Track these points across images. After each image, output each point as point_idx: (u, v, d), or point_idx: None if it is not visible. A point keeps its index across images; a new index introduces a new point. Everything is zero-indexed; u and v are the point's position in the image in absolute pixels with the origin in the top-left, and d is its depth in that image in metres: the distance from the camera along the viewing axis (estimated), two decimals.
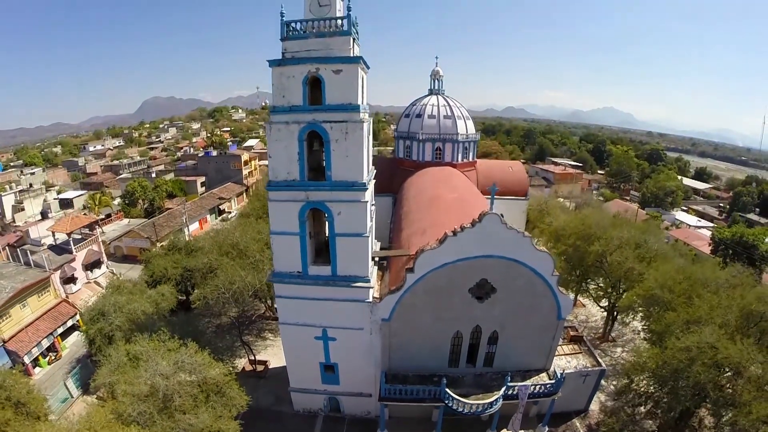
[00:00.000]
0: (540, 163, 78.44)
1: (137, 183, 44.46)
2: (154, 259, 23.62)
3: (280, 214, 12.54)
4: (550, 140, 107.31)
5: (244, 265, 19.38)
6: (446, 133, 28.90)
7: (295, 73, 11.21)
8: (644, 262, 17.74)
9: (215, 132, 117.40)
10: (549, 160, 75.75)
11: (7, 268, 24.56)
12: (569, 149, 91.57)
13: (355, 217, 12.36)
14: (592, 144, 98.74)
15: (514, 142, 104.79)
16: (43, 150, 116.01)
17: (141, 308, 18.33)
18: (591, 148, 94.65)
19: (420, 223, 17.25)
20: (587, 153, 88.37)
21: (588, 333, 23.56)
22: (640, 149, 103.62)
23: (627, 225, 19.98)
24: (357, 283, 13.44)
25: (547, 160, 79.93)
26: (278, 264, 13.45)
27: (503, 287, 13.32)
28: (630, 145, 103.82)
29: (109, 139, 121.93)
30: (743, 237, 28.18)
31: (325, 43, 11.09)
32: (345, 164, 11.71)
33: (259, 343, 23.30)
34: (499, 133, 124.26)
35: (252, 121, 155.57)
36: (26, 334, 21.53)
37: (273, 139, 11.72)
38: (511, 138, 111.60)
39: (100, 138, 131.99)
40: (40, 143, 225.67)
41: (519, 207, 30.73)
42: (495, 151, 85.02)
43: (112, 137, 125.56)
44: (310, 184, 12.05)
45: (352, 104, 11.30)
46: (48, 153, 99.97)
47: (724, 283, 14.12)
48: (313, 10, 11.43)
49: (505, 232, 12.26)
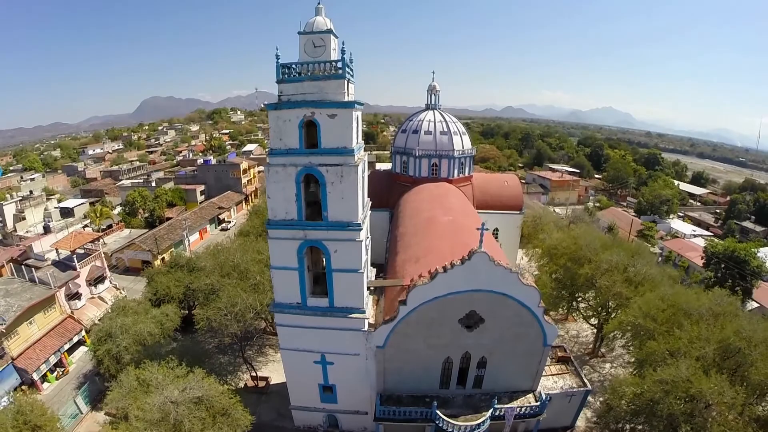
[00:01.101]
0: (537, 169, 79.09)
1: (137, 193, 44.92)
2: (157, 277, 24.20)
3: (279, 251, 13.13)
4: (548, 144, 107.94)
5: (245, 287, 19.99)
6: (442, 150, 29.39)
7: (291, 117, 11.68)
8: (632, 285, 18.35)
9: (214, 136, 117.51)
10: (546, 166, 76.26)
11: (12, 284, 25.05)
12: (567, 154, 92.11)
13: (351, 255, 12.94)
14: (590, 148, 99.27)
15: (512, 146, 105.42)
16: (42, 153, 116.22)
17: (147, 329, 19.16)
18: (589, 152, 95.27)
19: (415, 249, 17.81)
20: (585, 157, 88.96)
21: (578, 348, 24.23)
22: (638, 153, 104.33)
23: (617, 247, 20.52)
24: (353, 314, 14.08)
25: (544, 165, 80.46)
26: (278, 295, 14.06)
27: (491, 317, 13.92)
28: (628, 150, 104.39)
29: (108, 142, 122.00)
30: (735, 252, 28.65)
31: (319, 86, 11.53)
32: (340, 205, 12.26)
33: (260, 359, 23.87)
34: (497, 136, 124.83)
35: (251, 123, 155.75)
36: (34, 351, 22.13)
37: (271, 181, 12.25)
38: (509, 141, 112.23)
39: (99, 141, 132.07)
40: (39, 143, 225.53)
41: (514, 221, 31.31)
42: (493, 155, 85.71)
43: (111, 140, 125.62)
44: (308, 224, 12.62)
45: (347, 148, 11.82)
46: (47, 157, 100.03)
47: (706, 312, 14.65)
48: (308, 51, 11.91)
49: (493, 268, 12.83)
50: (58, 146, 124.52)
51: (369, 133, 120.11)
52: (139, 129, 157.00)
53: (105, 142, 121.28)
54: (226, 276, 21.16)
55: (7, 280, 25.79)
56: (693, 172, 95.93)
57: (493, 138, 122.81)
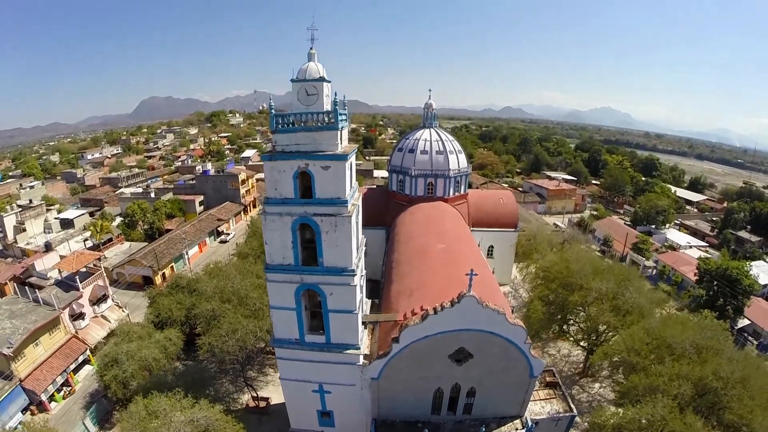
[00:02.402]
0: (535, 176, 79.58)
1: (137, 205, 45.31)
2: (159, 299, 24.79)
3: (277, 292, 13.72)
4: (546, 148, 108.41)
5: (245, 313, 20.58)
6: (438, 169, 29.89)
7: (286, 167, 12.11)
8: (620, 314, 18.93)
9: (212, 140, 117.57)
10: (544, 174, 76.75)
11: (16, 305, 25.49)
12: (564, 159, 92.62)
13: (346, 297, 13.51)
14: (588, 153, 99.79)
15: (510, 151, 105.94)
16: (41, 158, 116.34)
17: (152, 355, 19.88)
18: (587, 158, 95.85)
19: (408, 280, 18.40)
20: (582, 163, 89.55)
21: (568, 368, 24.82)
22: (636, 157, 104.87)
23: (608, 272, 21.04)
24: (348, 350, 14.73)
25: (542, 172, 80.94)
26: (278, 332, 14.69)
27: (480, 353, 14.52)
28: (626, 155, 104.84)
29: (106, 146, 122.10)
30: (727, 270, 29.02)
31: (312, 137, 11.92)
32: (335, 252, 12.78)
33: (261, 378, 24.43)
34: (495, 140, 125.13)
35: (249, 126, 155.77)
36: (41, 372, 22.71)
37: (268, 228, 12.74)
38: (507, 146, 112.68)
39: (97, 144, 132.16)
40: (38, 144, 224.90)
41: (509, 239, 31.88)
42: (491, 162, 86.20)
43: (109, 144, 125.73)
44: (304, 269, 13.16)
45: (340, 199, 12.28)
46: (46, 162, 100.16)
47: (689, 346, 15.14)
48: (301, 99, 12.32)
49: (481, 310, 13.39)
50: (57, 150, 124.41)
51: (367, 137, 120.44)
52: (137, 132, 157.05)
53: (103, 147, 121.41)
54: (226, 301, 21.70)
55: (11, 299, 26.25)
56: (691, 177, 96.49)
57: (491, 142, 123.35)
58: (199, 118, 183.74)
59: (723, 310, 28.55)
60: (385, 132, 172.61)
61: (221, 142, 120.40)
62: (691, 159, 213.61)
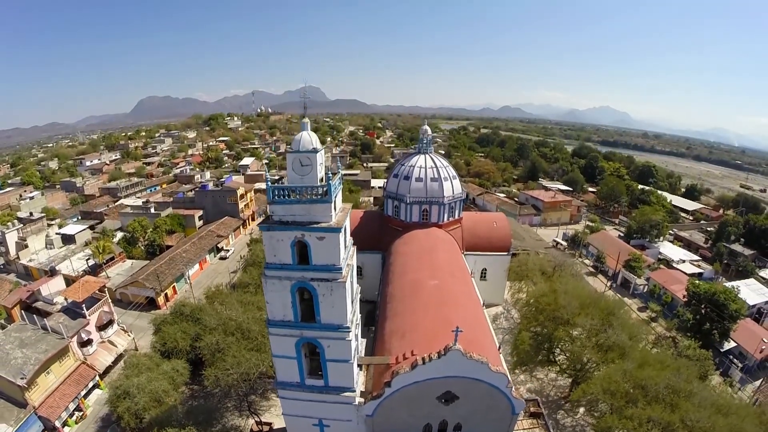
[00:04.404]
0: (532, 184, 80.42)
1: (137, 223, 45.97)
2: (164, 327, 25.77)
3: (279, 344, 14.74)
4: (543, 154, 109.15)
5: (248, 346, 21.58)
6: (432, 197, 30.57)
7: (283, 237, 12.89)
8: (602, 350, 19.89)
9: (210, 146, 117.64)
10: (539, 184, 77.49)
11: (25, 332, 26.12)
12: (561, 167, 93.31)
13: (342, 349, 14.45)
14: (585, 159, 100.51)
15: (508, 157, 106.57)
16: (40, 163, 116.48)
17: (161, 387, 21.00)
18: (583, 164, 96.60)
19: (401, 320, 19.30)
20: (579, 170, 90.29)
21: (555, 392, 25.74)
22: (633, 163, 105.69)
23: (593, 306, 21.90)
24: (345, 393, 15.71)
25: (538, 182, 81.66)
26: (280, 376, 15.79)
27: (465, 395, 15.62)
28: (623, 160, 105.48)
29: (105, 152, 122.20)
30: (715, 295, 29.76)
31: (307, 209, 12.68)
32: (332, 311, 13.65)
33: (263, 403, 25.27)
34: (493, 145, 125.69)
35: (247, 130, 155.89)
36: (54, 399, 23.60)
37: (269, 290, 13.63)
38: (504, 151, 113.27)
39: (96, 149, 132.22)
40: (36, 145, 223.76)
41: (502, 263, 32.72)
42: (488, 170, 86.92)
43: (108, 150, 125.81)
44: (303, 326, 14.12)
45: (335, 266, 13.10)
46: (46, 170, 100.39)
47: (663, 389, 16.06)
48: (296, 169, 13.05)
49: (466, 361, 14.35)
50: (55, 155, 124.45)
51: (365, 142, 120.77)
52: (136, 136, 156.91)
53: (102, 153, 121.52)
54: (230, 335, 22.65)
55: (20, 327, 26.87)
56: (687, 184, 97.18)
57: (489, 147, 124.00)
58: (197, 121, 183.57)
59: (709, 334, 29.52)
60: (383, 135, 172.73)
61: (219, 147, 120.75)
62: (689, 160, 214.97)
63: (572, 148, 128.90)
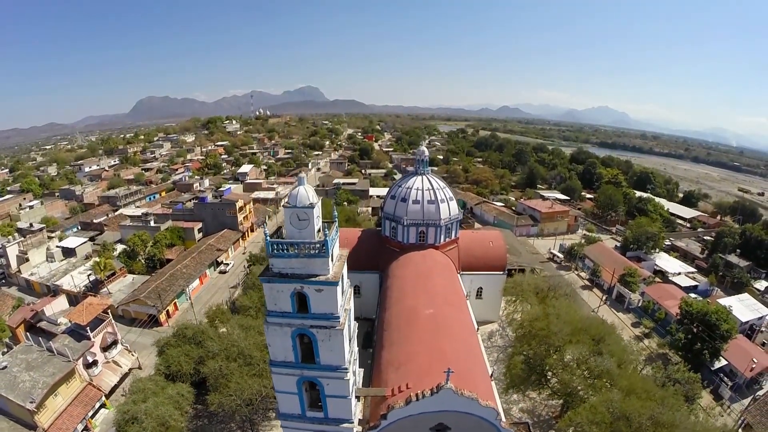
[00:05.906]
0: (530, 192, 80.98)
1: (137, 237, 46.35)
2: (168, 350, 26.31)
3: (281, 382, 15.43)
4: (541, 159, 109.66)
5: (251, 372, 22.18)
6: (429, 219, 31.06)
7: (283, 289, 13.46)
8: (591, 377, 20.55)
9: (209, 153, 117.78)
10: (537, 193, 77.97)
11: (31, 354, 26.47)
12: (559, 174, 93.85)
13: (340, 387, 15.12)
14: (583, 165, 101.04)
15: (506, 163, 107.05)
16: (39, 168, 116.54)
17: (167, 413, 21.51)
18: (581, 170, 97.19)
19: (396, 350, 19.91)
20: (577, 177, 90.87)
21: (546, 411, 26.33)
22: (631, 168, 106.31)
23: (584, 333, 22.54)
24: (343, 424, 16.32)
25: (536, 191, 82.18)
26: (282, 408, 16.51)
27: (457, 427, 16.31)
28: (621, 166, 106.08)
29: (104, 157, 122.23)
30: (707, 315, 30.30)
31: (305, 263, 13.21)
32: (330, 354, 14.25)
33: (265, 423, 25.84)
34: (490, 151, 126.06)
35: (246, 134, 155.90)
36: (62, 421, 24.06)
37: (270, 335, 14.23)
38: (502, 156, 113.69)
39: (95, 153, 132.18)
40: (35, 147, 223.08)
41: (497, 282, 33.30)
42: (485, 178, 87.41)
43: (107, 155, 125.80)
44: (304, 366, 14.83)
45: (333, 314, 13.65)
46: (45, 177, 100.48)
47: (646, 421, 16.73)
48: (293, 223, 13.48)
49: (458, 398, 14.98)
50: (54, 160, 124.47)
51: (363, 148, 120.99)
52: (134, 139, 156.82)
53: (101, 158, 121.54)
54: (233, 361, 23.23)
55: (25, 348, 27.20)
56: (685, 190, 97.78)
57: (487, 151, 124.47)
58: (196, 124, 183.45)
59: (700, 354, 30.16)
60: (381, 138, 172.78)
61: (218, 152, 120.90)
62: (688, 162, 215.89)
63: (570, 152, 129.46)
